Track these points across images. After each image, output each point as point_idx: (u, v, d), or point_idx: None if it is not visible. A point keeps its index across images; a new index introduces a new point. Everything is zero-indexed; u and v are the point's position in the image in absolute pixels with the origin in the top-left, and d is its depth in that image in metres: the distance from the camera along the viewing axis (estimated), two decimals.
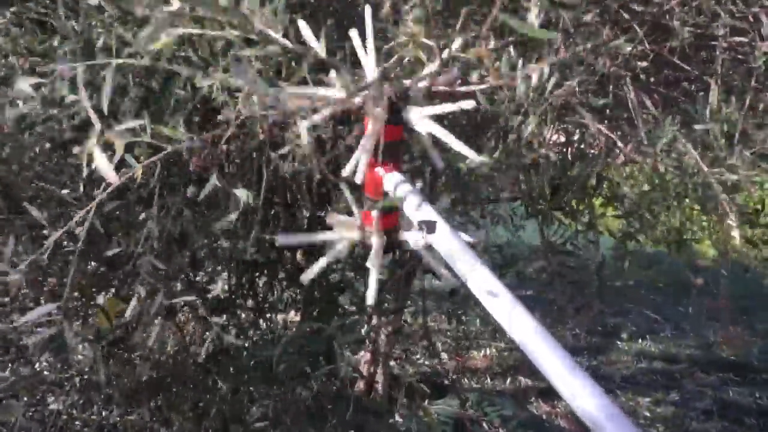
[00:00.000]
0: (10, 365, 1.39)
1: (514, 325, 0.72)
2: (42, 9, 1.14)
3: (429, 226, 0.81)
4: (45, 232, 1.01)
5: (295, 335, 1.20)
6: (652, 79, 1.11)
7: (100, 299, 1.15)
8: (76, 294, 1.15)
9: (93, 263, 1.10)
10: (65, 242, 1.07)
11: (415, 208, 0.83)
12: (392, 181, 0.85)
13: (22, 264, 0.86)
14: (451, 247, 0.79)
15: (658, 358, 3.58)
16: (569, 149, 1.47)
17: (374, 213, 0.87)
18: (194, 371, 1.23)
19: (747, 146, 0.80)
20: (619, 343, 3.77)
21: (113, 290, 1.16)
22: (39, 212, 0.85)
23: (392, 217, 0.89)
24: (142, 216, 0.95)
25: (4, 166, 0.94)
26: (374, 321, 2.28)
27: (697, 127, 0.82)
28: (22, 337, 1.17)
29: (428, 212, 0.82)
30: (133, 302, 0.90)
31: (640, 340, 3.79)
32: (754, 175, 0.78)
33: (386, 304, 2.18)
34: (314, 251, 1.64)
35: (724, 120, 0.80)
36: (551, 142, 1.43)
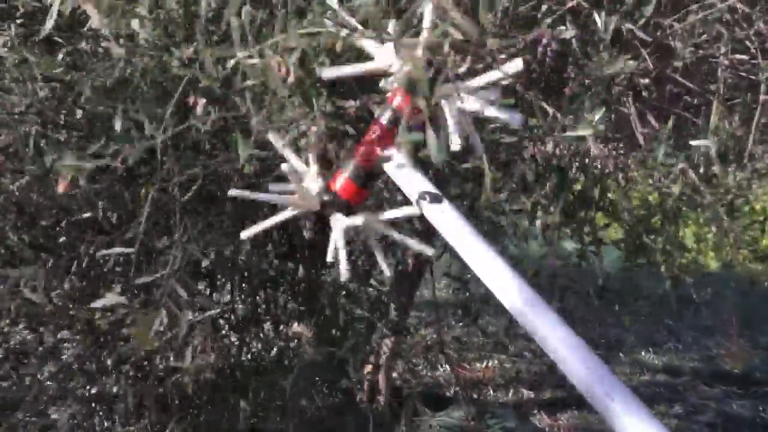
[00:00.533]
0: (12, 375, 1.39)
1: (509, 296, 0.72)
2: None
3: (433, 197, 0.81)
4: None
5: (309, 362, 1.21)
6: (654, 95, 1.12)
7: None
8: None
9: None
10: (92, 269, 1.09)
11: (413, 182, 0.82)
12: (388, 154, 0.83)
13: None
14: (447, 221, 0.79)
15: (661, 371, 3.57)
16: (572, 162, 1.48)
17: (345, 176, 0.84)
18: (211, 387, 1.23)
19: (749, 162, 0.81)
20: (621, 355, 3.76)
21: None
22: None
23: (364, 192, 0.87)
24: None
25: (30, 197, 0.95)
26: (376, 333, 2.28)
27: (693, 143, 0.83)
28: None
29: (426, 184, 0.82)
30: (161, 322, 0.91)
31: (642, 353, 3.77)
32: (756, 190, 0.79)
33: (389, 316, 2.18)
34: (318, 262, 1.65)
35: (725, 138, 0.80)
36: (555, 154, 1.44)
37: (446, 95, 0.81)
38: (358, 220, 0.84)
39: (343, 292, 1.65)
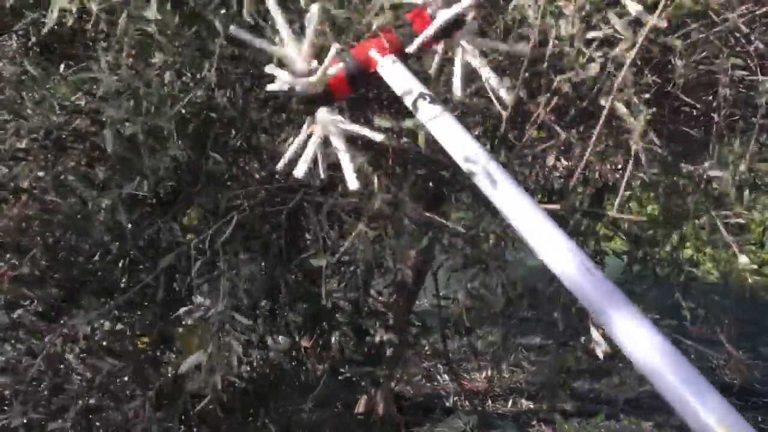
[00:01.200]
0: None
1: (503, 199, 0.72)
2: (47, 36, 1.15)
3: (429, 101, 0.82)
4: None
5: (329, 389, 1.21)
6: (654, 109, 1.12)
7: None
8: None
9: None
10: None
11: (408, 85, 0.83)
12: (389, 60, 0.85)
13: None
14: (442, 125, 0.80)
15: None
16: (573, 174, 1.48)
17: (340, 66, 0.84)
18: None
19: (754, 183, 0.82)
20: (621, 365, 3.75)
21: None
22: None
23: (347, 89, 0.87)
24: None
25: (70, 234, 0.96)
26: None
27: (711, 172, 0.84)
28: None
29: (421, 88, 0.83)
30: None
31: None
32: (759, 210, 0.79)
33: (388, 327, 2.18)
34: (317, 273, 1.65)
35: (729, 159, 0.81)
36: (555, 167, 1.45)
37: (463, 40, 0.85)
38: (349, 126, 0.84)
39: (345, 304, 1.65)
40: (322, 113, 0.85)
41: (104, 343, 1.15)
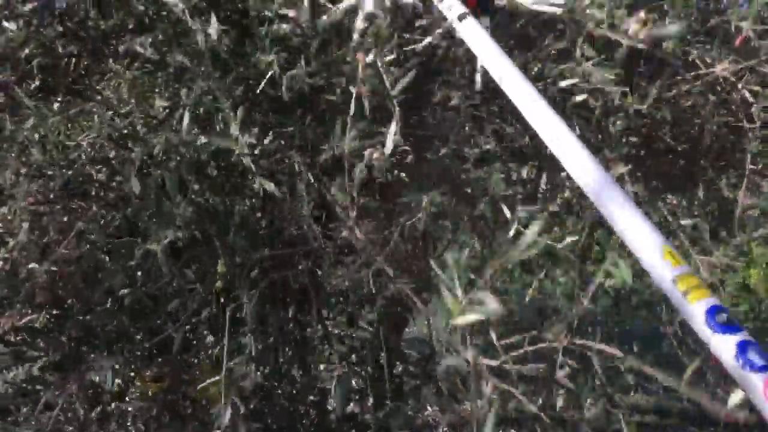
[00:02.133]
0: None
1: (526, 104, 0.76)
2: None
3: (469, 18, 0.87)
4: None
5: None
6: (642, 153, 1.15)
7: None
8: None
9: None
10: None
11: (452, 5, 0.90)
12: None
13: None
14: (478, 38, 0.86)
15: (650, 412, 3.55)
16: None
17: None
18: None
19: (739, 229, 0.83)
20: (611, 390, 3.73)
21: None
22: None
23: None
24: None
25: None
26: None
27: (684, 222, 0.85)
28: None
29: (462, 8, 0.90)
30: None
31: (631, 393, 3.75)
32: (742, 258, 0.80)
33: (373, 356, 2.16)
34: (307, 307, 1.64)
35: (712, 208, 0.83)
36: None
37: None
38: None
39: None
40: None
41: (118, 387, 1.15)
